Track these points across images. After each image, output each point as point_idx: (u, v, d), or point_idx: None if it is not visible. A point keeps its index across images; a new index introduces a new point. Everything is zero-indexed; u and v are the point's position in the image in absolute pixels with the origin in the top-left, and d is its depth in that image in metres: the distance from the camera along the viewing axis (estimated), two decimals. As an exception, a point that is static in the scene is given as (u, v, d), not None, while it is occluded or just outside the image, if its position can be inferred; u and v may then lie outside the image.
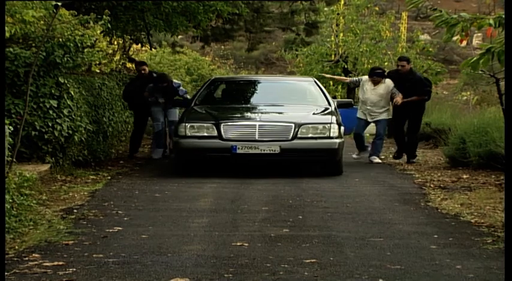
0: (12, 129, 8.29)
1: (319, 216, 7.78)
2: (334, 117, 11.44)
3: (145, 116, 14.17)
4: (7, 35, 9.32)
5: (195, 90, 21.76)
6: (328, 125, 11.20)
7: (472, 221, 7.57)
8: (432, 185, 10.28)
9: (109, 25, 11.02)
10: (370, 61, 21.73)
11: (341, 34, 23.08)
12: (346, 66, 22.69)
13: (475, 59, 6.60)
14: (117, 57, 18.34)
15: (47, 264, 5.53)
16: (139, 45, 19.19)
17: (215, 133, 11.02)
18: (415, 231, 7.00)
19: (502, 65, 6.24)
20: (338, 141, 11.17)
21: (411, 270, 5.48)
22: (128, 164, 12.72)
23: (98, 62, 14.92)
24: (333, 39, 23.41)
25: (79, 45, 10.42)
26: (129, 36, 17.31)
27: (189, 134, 11.12)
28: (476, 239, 6.61)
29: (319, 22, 24.06)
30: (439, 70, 22.04)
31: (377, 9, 24.60)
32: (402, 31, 24.51)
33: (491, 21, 6.60)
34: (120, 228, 7.01)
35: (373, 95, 13.27)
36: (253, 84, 13.70)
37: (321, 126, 11.18)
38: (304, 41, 24.56)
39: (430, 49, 23.08)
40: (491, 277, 5.33)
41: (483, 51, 6.49)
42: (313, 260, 5.71)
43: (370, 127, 14.67)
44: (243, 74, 33.28)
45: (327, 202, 8.75)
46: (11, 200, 7.05)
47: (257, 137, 10.96)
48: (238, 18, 21.15)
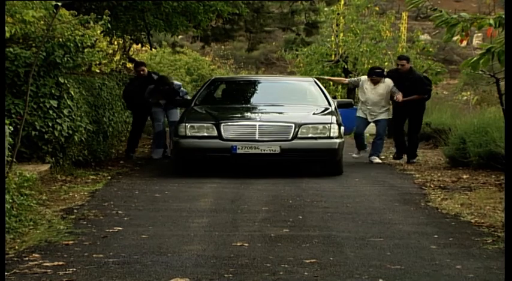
0: (12, 129, 8.29)
1: (319, 216, 7.78)
2: (334, 118, 11.44)
3: (144, 116, 14.15)
4: (7, 35, 9.32)
5: (195, 90, 21.76)
6: (328, 125, 11.20)
7: (472, 221, 7.58)
8: (432, 185, 10.27)
9: (109, 25, 11.02)
10: (370, 61, 21.70)
11: (341, 34, 23.06)
12: (346, 67, 22.67)
13: (475, 59, 6.60)
14: (117, 58, 18.34)
15: (47, 264, 5.53)
16: (139, 45, 19.20)
17: (215, 133, 11.01)
18: (415, 231, 7.00)
19: (502, 65, 6.24)
20: (338, 141, 11.17)
21: (411, 270, 5.48)
22: (128, 164, 12.72)
23: (98, 62, 14.91)
24: (333, 39, 23.39)
25: (79, 45, 10.43)
26: (129, 36, 17.31)
27: (189, 134, 11.12)
28: (477, 239, 6.61)
29: (319, 22, 24.05)
30: (439, 70, 22.02)
31: (377, 9, 24.57)
32: (402, 31, 24.49)
33: (491, 21, 6.60)
34: (120, 228, 7.01)
35: (373, 95, 13.26)
36: (254, 84, 13.70)
37: (321, 127, 11.18)
38: (304, 41, 24.55)
39: (430, 49, 23.07)
40: (491, 277, 5.33)
41: (483, 51, 6.49)
42: (313, 260, 5.71)
43: (370, 127, 14.66)
44: (243, 74, 33.27)
45: (327, 202, 8.76)
46: (11, 200, 7.05)
47: (257, 137, 10.96)
48: (239, 18, 21.14)
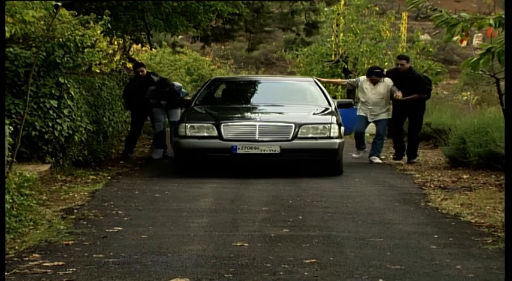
0: (12, 129, 8.30)
1: (319, 216, 7.78)
2: (334, 118, 11.44)
3: (142, 116, 14.14)
4: (7, 35, 9.32)
5: (195, 90, 21.76)
6: (329, 125, 11.20)
7: (472, 221, 7.58)
8: (432, 185, 10.27)
9: (109, 25, 11.02)
10: (371, 61, 21.69)
11: (341, 34, 23.05)
12: (346, 67, 22.67)
13: (475, 59, 6.60)
14: (117, 58, 18.34)
15: (47, 264, 5.53)
16: (139, 46, 19.20)
17: (215, 133, 11.01)
18: (415, 231, 7.00)
19: (502, 65, 6.24)
20: (338, 141, 11.17)
21: (411, 270, 5.48)
22: (128, 164, 12.72)
23: (98, 62, 14.92)
24: (333, 39, 23.39)
25: (79, 45, 10.43)
26: (129, 37, 17.31)
27: (189, 134, 11.12)
28: (477, 239, 6.61)
29: (319, 22, 24.04)
30: (439, 70, 22.02)
31: (377, 9, 24.57)
32: (402, 31, 24.49)
33: (492, 22, 6.60)
34: (120, 228, 7.01)
35: (374, 95, 13.25)
36: (254, 84, 13.69)
37: (321, 127, 11.18)
38: (304, 41, 24.54)
39: (430, 49, 23.06)
40: (491, 277, 5.33)
41: (483, 51, 6.49)
42: (313, 260, 5.71)
43: (370, 127, 14.66)
44: (243, 74, 33.25)
45: (327, 202, 8.75)
46: (11, 200, 7.05)
47: (257, 137, 10.95)
48: (239, 18, 21.14)
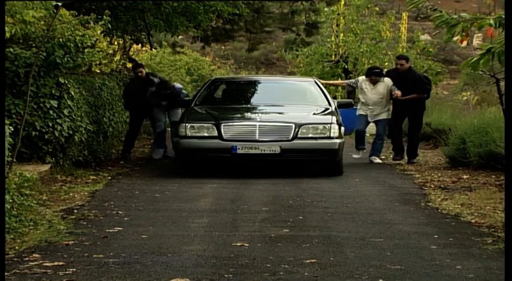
0: (12, 129, 8.29)
1: (319, 216, 7.78)
2: (334, 118, 11.43)
3: (141, 117, 14.13)
4: (7, 35, 9.32)
5: (195, 90, 21.75)
6: (329, 125, 11.20)
7: (472, 221, 7.58)
8: (432, 186, 10.27)
9: (109, 25, 11.02)
10: (371, 61, 21.68)
11: (341, 34, 23.05)
12: (346, 67, 22.66)
13: (475, 59, 6.60)
14: (118, 58, 18.34)
15: (47, 264, 5.53)
16: (139, 46, 19.20)
17: (215, 133, 11.01)
18: (415, 231, 7.00)
19: (502, 65, 6.24)
20: (338, 141, 11.17)
21: (411, 270, 5.48)
22: (128, 165, 12.72)
23: (98, 62, 14.91)
24: (333, 39, 23.38)
25: (79, 45, 10.43)
26: (130, 37, 17.31)
27: (190, 134, 11.12)
28: (477, 240, 6.61)
29: (319, 22, 24.04)
30: (439, 70, 22.02)
31: (377, 9, 24.56)
32: (402, 31, 24.49)
33: (492, 22, 6.60)
34: (120, 228, 7.01)
35: (374, 95, 13.24)
36: (254, 84, 13.69)
37: (321, 127, 11.18)
38: (304, 41, 24.54)
39: (431, 49, 23.06)
40: (492, 277, 5.33)
41: (483, 51, 6.49)
42: (313, 261, 5.72)
43: (370, 127, 14.65)
44: (243, 74, 33.25)
45: (327, 202, 8.76)
46: (11, 201, 7.05)
47: (257, 137, 10.96)
48: (239, 18, 21.13)
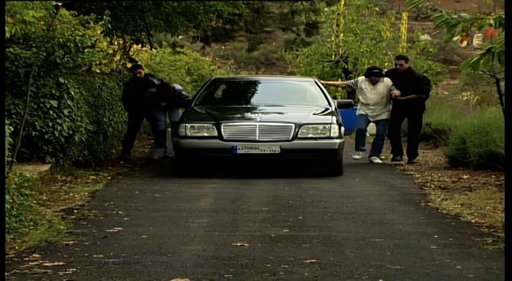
0: (12, 129, 8.29)
1: (319, 216, 7.78)
2: (334, 118, 11.43)
3: (140, 117, 14.12)
4: (7, 35, 9.32)
5: (195, 90, 21.75)
6: (329, 125, 11.20)
7: (472, 221, 7.58)
8: (432, 186, 10.27)
9: (109, 25, 11.02)
10: (371, 61, 21.66)
11: (341, 34, 23.03)
12: (346, 67, 22.65)
13: (475, 59, 6.60)
14: (118, 58, 18.33)
15: (47, 264, 5.53)
16: (139, 46, 19.19)
17: (215, 133, 11.01)
18: (415, 231, 7.00)
19: (502, 65, 6.24)
20: (338, 141, 11.17)
21: (411, 270, 5.48)
22: (128, 164, 12.72)
23: (98, 62, 14.91)
24: (333, 39, 23.37)
25: (79, 45, 10.43)
26: (130, 37, 17.31)
27: (190, 134, 11.12)
28: (477, 240, 6.61)
29: (319, 22, 24.03)
30: (439, 70, 22.00)
31: (377, 9, 24.54)
32: (402, 31, 24.47)
33: (492, 22, 6.59)
34: (120, 228, 7.01)
35: (374, 95, 13.24)
36: (254, 84, 13.69)
37: (321, 127, 11.18)
38: (304, 41, 24.53)
39: (431, 49, 23.04)
40: (492, 277, 5.33)
41: (483, 51, 6.49)
42: (313, 261, 5.72)
43: (370, 127, 14.65)
44: (243, 74, 33.24)
45: (327, 202, 8.76)
46: (11, 201, 7.05)
47: (257, 137, 10.95)
48: (239, 18, 21.13)
